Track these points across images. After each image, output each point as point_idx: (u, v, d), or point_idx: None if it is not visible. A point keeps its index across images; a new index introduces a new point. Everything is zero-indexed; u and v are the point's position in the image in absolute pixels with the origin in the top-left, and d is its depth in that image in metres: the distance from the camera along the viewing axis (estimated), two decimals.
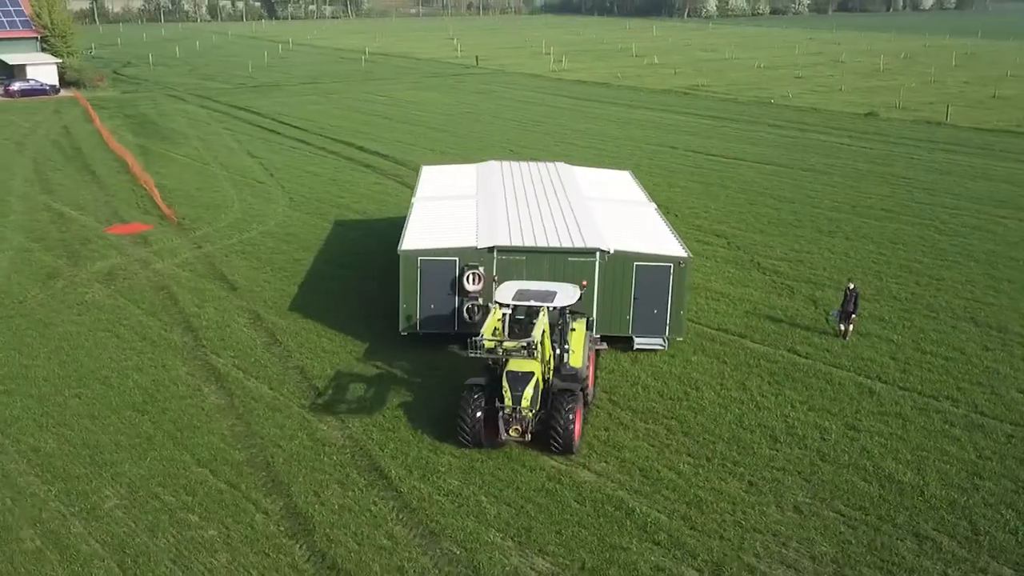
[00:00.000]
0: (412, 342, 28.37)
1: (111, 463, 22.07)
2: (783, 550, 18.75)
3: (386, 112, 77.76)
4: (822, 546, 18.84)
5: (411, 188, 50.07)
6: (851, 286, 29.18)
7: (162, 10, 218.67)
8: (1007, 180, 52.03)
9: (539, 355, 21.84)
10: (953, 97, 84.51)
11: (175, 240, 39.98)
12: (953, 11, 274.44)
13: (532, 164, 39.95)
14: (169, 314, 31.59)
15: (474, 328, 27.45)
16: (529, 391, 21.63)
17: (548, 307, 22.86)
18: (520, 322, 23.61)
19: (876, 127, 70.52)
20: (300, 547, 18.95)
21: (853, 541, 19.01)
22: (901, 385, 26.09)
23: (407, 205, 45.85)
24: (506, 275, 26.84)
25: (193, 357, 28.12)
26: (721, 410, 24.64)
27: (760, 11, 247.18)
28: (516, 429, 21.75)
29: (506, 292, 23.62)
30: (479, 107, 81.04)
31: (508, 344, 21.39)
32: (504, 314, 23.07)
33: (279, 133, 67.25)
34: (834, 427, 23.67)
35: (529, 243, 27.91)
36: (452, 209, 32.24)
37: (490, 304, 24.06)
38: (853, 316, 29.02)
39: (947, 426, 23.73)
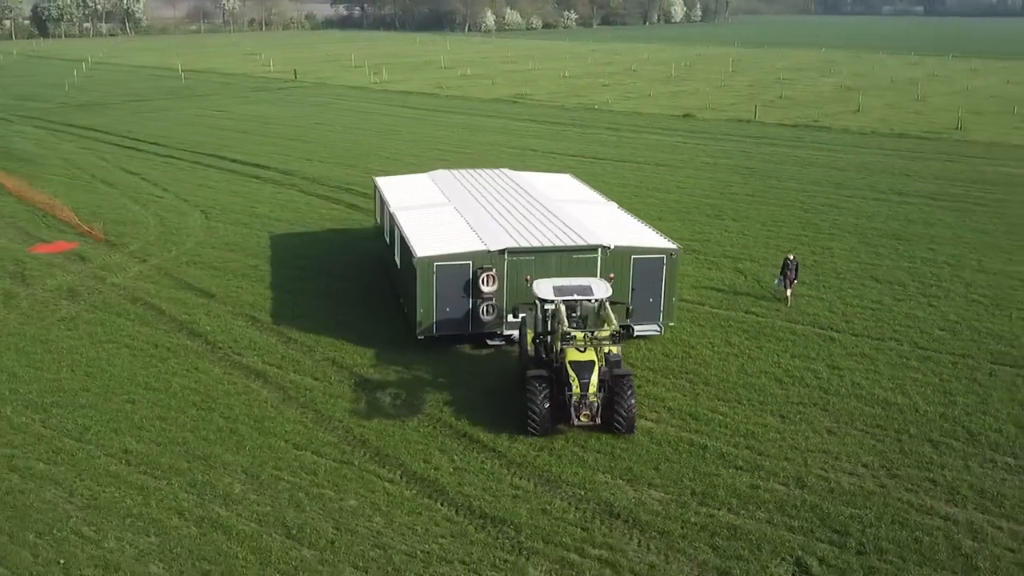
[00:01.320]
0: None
1: (211, 455, 22.55)
2: (838, 463, 22.21)
3: (236, 126, 76.62)
4: (866, 457, 22.46)
5: (317, 197, 50.98)
6: (791, 257, 33.29)
7: None
8: (831, 166, 58.95)
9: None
10: (747, 98, 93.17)
11: (113, 256, 38.98)
12: (700, 23, 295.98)
13: (482, 171, 41.49)
14: (163, 323, 31.42)
15: (486, 327, 28.92)
16: (595, 378, 22.81)
17: (594, 299, 24.75)
18: (556, 316, 24.65)
19: (698, 126, 77.07)
20: (442, 504, 20.52)
21: (886, 451, 22.76)
22: (851, 332, 30.44)
23: (327, 214, 46.99)
24: (517, 275, 28.49)
25: (220, 359, 28.42)
26: (723, 362, 27.99)
27: (533, 25, 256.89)
28: (586, 415, 22.72)
29: (546, 289, 25.06)
30: (325, 118, 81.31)
31: (600, 333, 23.28)
32: (547, 309, 24.81)
33: (141, 150, 65.09)
34: (821, 368, 27.56)
35: (536, 244, 29.12)
36: (437, 217, 32.99)
37: (532, 302, 25.49)
38: (794, 282, 33.18)
39: (904, 359, 28.18)
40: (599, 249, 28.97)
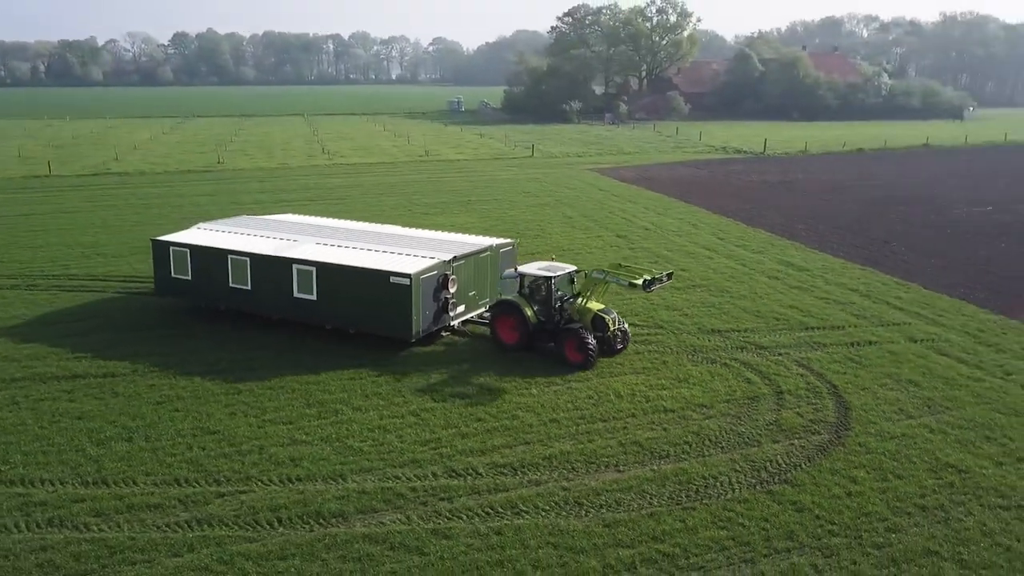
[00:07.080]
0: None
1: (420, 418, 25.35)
2: (736, 282, 38.27)
3: None
4: (736, 288, 37.95)
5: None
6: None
7: None
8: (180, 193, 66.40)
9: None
10: (35, 155, 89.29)
11: None
12: None
13: (246, 217, 40.87)
14: (116, 384, 27.81)
15: (447, 320, 31.89)
16: (617, 317, 29.98)
17: (572, 271, 30.76)
18: (538, 286, 30.17)
19: (51, 184, 72.22)
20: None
21: (743, 282, 39.02)
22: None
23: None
24: (459, 277, 31.96)
25: (238, 379, 28.10)
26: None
27: None
28: (620, 342, 29.79)
29: (538, 271, 30.18)
30: None
31: (657, 275, 28.90)
32: (553, 285, 29.84)
33: None
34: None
35: (465, 251, 32.82)
36: (331, 250, 33.22)
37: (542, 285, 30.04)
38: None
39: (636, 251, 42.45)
40: (489, 249, 34.15)
